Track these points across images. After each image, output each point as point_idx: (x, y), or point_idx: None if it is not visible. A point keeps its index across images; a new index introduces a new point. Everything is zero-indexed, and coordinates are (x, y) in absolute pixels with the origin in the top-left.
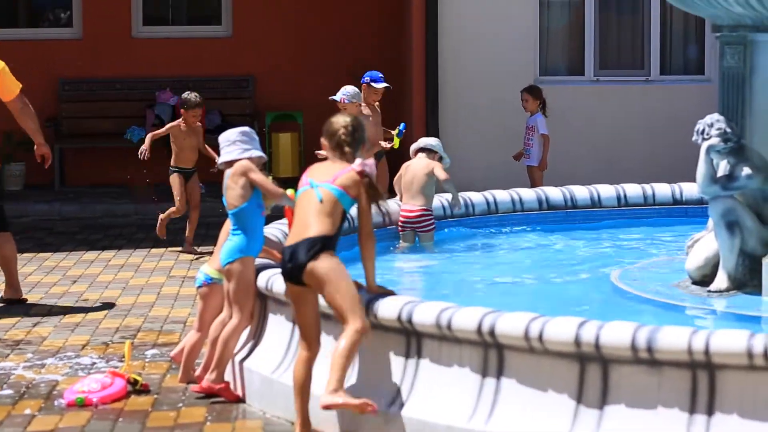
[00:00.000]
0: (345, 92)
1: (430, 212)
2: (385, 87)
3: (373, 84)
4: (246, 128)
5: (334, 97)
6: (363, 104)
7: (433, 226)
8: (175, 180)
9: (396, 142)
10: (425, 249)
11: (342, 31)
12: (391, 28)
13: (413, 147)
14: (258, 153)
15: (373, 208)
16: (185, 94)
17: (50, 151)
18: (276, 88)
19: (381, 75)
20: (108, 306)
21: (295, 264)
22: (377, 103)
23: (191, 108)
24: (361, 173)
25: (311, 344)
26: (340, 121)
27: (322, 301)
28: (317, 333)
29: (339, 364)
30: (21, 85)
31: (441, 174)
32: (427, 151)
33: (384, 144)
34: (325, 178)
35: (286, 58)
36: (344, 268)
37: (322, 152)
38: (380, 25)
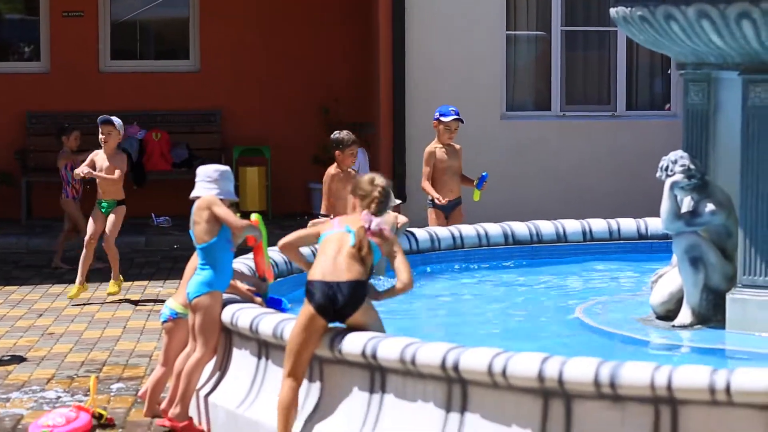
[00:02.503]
0: None
1: None
2: (455, 120)
3: (442, 118)
4: (223, 168)
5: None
6: (438, 144)
7: None
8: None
9: (476, 195)
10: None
11: (310, 67)
12: (358, 64)
13: None
14: (225, 195)
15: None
16: (336, 134)
17: None
18: (243, 122)
19: (452, 108)
20: (73, 340)
21: (346, 303)
22: (452, 142)
23: (347, 147)
24: (368, 230)
25: (301, 375)
26: (378, 182)
27: None
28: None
29: None
30: None
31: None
32: None
33: (436, 196)
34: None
35: (253, 92)
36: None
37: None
38: (348, 61)
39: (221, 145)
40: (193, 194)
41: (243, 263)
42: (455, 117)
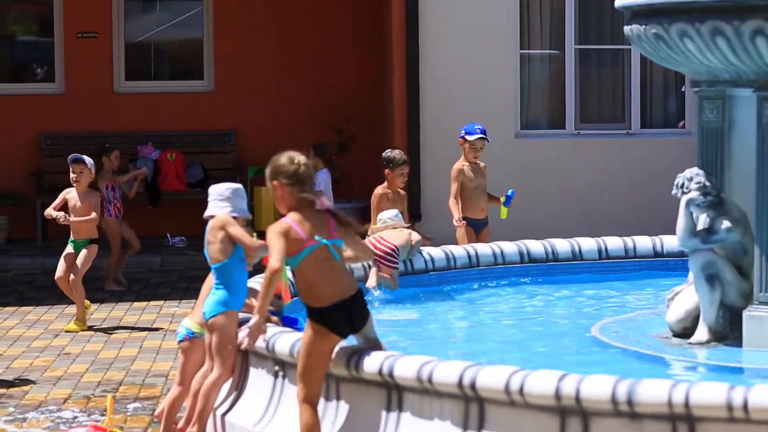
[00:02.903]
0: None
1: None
2: (480, 138)
3: (467, 137)
4: (235, 185)
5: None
6: (465, 163)
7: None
8: None
9: (504, 212)
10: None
11: (323, 85)
12: (373, 85)
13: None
14: (239, 213)
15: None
16: (388, 153)
17: None
18: (258, 141)
19: (478, 126)
20: (90, 360)
21: (364, 315)
22: (477, 160)
23: (398, 166)
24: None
25: (318, 397)
26: (298, 159)
27: None
28: None
29: None
30: None
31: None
32: None
33: (457, 218)
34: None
35: (267, 112)
36: None
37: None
38: (362, 80)
39: (236, 165)
40: (206, 214)
41: (258, 282)
42: (480, 136)
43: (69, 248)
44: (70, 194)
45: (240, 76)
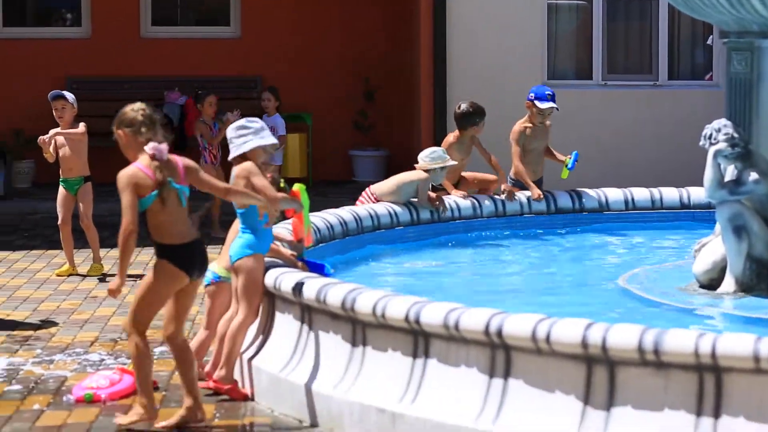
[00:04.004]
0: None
1: None
2: (551, 107)
3: (537, 103)
4: (244, 120)
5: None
6: (528, 123)
7: None
8: None
9: (564, 173)
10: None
11: (351, 33)
12: (399, 33)
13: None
14: (258, 143)
15: None
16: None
17: None
18: (284, 89)
19: (549, 92)
20: (116, 303)
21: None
22: (547, 121)
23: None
24: (152, 156)
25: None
26: (137, 105)
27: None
28: None
29: None
30: None
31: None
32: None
33: (535, 191)
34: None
35: (294, 59)
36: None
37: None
38: (389, 29)
39: (261, 112)
40: (232, 154)
41: (283, 227)
42: (551, 105)
43: (62, 190)
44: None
45: (267, 22)
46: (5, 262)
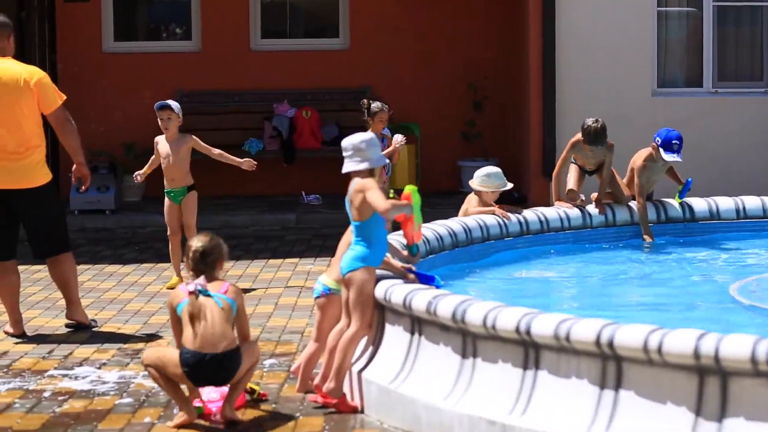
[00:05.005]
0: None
1: None
2: (676, 162)
3: (663, 154)
4: (368, 135)
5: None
6: (650, 162)
7: None
8: None
9: (677, 201)
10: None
11: (459, 43)
12: (508, 42)
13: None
14: (376, 163)
15: None
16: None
17: (89, 174)
18: (393, 99)
19: (675, 141)
20: None
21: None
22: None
23: None
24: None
25: None
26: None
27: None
28: None
29: None
30: (64, 97)
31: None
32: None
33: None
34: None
35: (402, 69)
36: None
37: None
38: (497, 38)
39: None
40: (344, 170)
41: (395, 239)
42: (676, 160)
43: (167, 202)
44: (160, 144)
45: (375, 33)
46: (116, 276)
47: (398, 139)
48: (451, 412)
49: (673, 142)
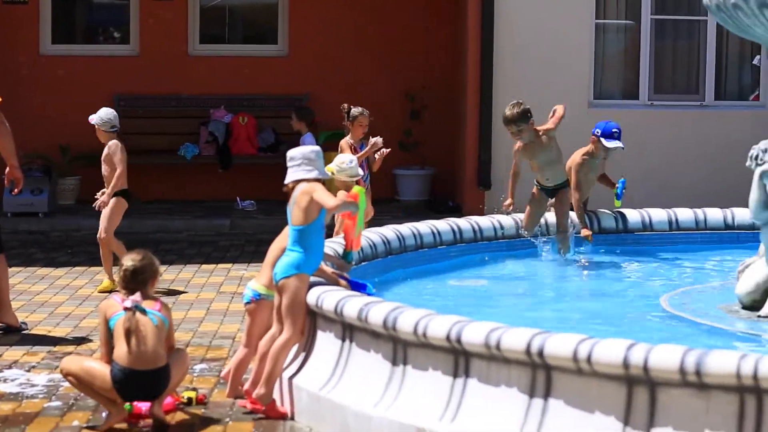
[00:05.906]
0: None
1: None
2: (618, 147)
3: (604, 141)
4: (317, 148)
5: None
6: (588, 156)
7: None
8: None
9: (617, 203)
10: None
11: (397, 51)
12: (446, 51)
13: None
14: (323, 175)
15: None
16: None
17: (22, 177)
18: (330, 107)
19: (615, 129)
20: None
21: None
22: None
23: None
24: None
25: None
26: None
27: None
28: None
29: None
30: (0, 99)
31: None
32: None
33: (586, 232)
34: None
35: (340, 77)
36: None
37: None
38: (436, 46)
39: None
40: (293, 178)
41: (328, 246)
42: (618, 145)
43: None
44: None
45: (314, 41)
46: (48, 279)
47: (378, 141)
48: (381, 419)
49: (613, 130)
